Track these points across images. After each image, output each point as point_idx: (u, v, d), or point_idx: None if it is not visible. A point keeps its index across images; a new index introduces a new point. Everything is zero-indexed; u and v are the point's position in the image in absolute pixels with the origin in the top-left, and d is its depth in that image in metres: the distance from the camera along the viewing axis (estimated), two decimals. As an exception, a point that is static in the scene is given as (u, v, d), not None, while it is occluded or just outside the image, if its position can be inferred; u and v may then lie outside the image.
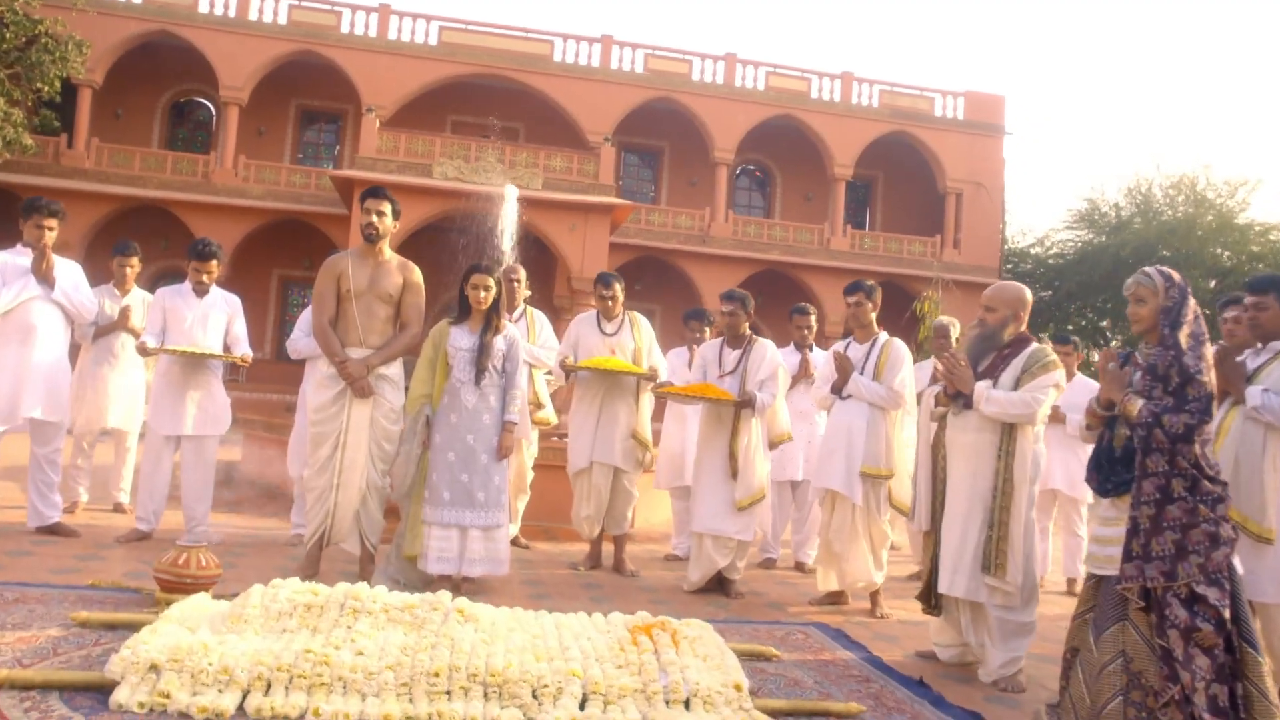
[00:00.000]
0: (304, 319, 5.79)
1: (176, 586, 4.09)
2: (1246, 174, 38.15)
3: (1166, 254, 24.77)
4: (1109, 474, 3.48)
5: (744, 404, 5.45)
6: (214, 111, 24.34)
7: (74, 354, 6.63)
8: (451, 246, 18.45)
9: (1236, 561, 3.19)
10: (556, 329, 6.78)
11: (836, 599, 5.56)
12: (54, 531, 5.54)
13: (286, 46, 22.63)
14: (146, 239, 21.39)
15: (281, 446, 7.14)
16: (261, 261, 22.94)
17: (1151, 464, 3.24)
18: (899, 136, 25.52)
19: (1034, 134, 59.45)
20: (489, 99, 24.04)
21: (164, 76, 23.59)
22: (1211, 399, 3.25)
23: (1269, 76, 71.53)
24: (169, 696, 2.87)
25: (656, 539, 7.59)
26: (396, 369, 5.14)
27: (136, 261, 6.75)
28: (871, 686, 3.86)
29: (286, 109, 24.51)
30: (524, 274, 6.61)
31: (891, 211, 27.60)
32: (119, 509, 6.66)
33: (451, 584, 4.98)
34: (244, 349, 5.90)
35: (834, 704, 3.48)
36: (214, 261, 5.81)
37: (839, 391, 5.48)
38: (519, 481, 6.36)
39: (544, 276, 20.79)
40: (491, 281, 5.09)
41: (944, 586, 4.17)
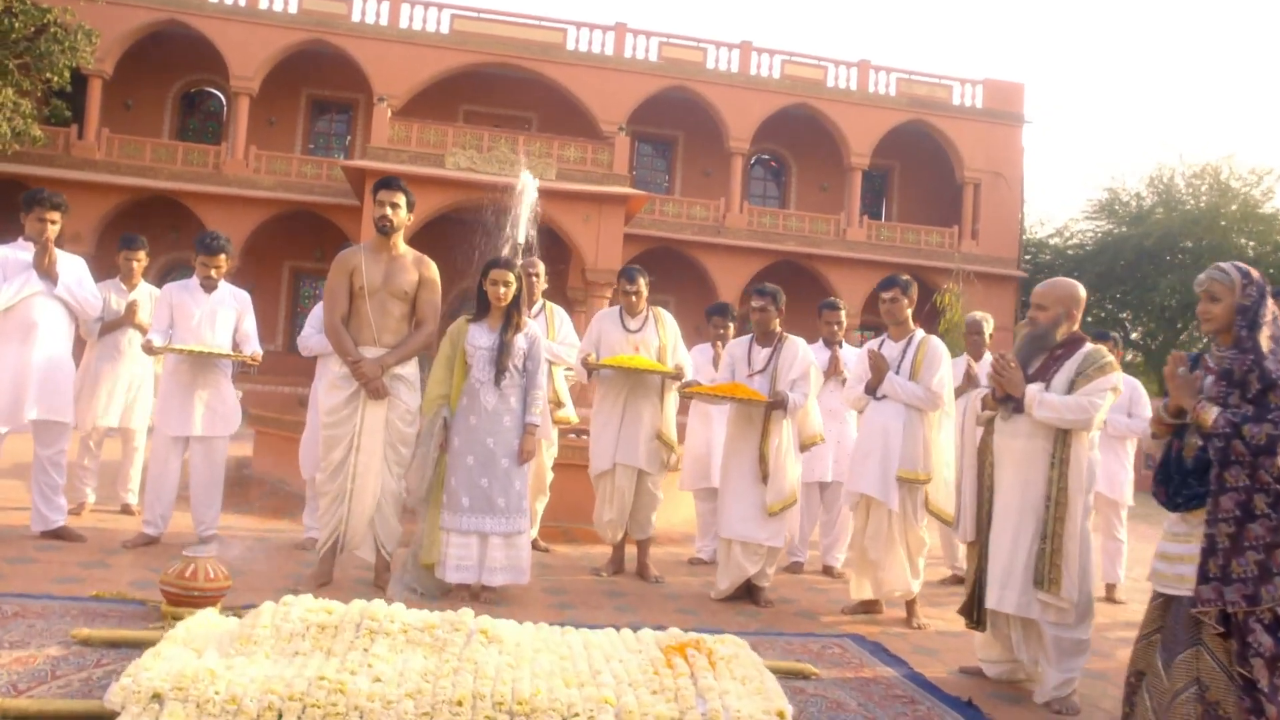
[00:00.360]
0: (315, 315, 5.58)
1: (183, 600, 3.89)
2: (1272, 163, 37.47)
3: (1189, 244, 24.41)
4: (1179, 487, 3.24)
5: (776, 405, 5.21)
6: (224, 102, 24.15)
7: (79, 351, 6.47)
8: (465, 238, 18.24)
9: None
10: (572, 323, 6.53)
11: (870, 608, 5.33)
12: (59, 536, 5.35)
13: (297, 35, 22.40)
14: (157, 230, 21.31)
15: (294, 444, 6.92)
16: (273, 253, 22.78)
17: (1230, 478, 3.00)
18: (916, 125, 25.13)
19: (1053, 122, 58.75)
20: (501, 88, 23.78)
21: (174, 66, 23.39)
22: None
23: (1289, 64, 70.56)
24: (173, 729, 2.66)
25: (678, 540, 7.37)
26: (412, 369, 4.92)
27: (143, 255, 6.54)
28: (919, 709, 3.63)
29: (297, 99, 24.29)
30: (543, 267, 6.39)
31: (908, 202, 27.23)
32: (127, 510, 6.47)
33: (470, 593, 4.78)
34: (254, 347, 5.70)
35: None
36: (222, 255, 5.60)
37: (873, 391, 5.24)
38: (538, 483, 6.15)
39: (557, 268, 20.51)
40: (512, 276, 4.86)
41: (993, 602, 3.94)
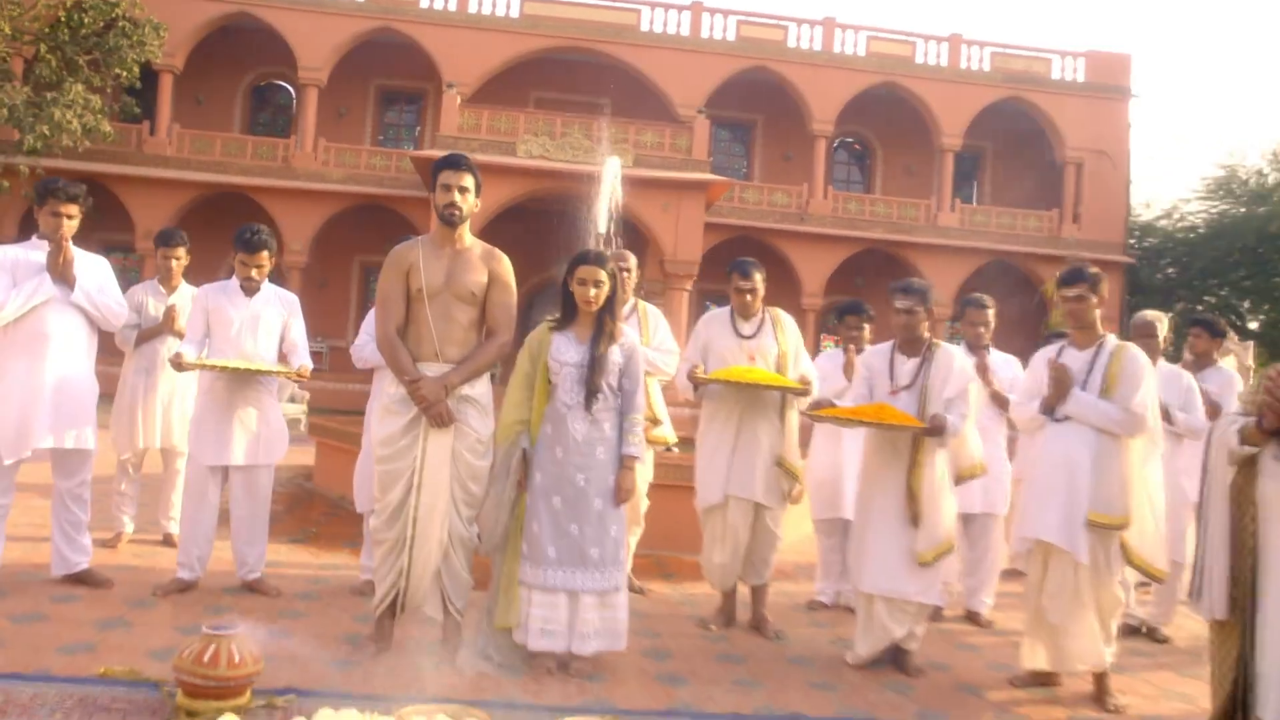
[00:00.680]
0: (370, 321, 4.73)
1: (202, 691, 3.08)
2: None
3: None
4: None
5: (932, 431, 4.19)
6: (294, 95, 23.78)
7: (115, 359, 5.75)
8: (537, 231, 17.41)
9: None
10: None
11: (1045, 679, 4.29)
12: (81, 581, 4.60)
13: (365, 24, 21.88)
14: (227, 227, 20.73)
15: (355, 459, 6.09)
16: (343, 247, 22.34)
17: None
18: (1011, 103, 23.59)
19: (1162, 95, 55.42)
20: (573, 73, 22.91)
21: (244, 60, 23.09)
22: None
23: None
24: None
25: (789, 572, 6.33)
26: (483, 388, 4.01)
27: (183, 252, 5.79)
28: None
29: (366, 90, 23.80)
30: (634, 261, 5.45)
31: (1001, 184, 25.63)
32: (168, 540, 5.71)
33: (558, 662, 3.89)
34: (302, 358, 4.88)
35: None
36: (264, 253, 4.80)
37: (1051, 411, 4.20)
38: (632, 513, 5.19)
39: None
40: (604, 275, 3.94)
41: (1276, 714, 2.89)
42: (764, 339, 4.83)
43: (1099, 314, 4.24)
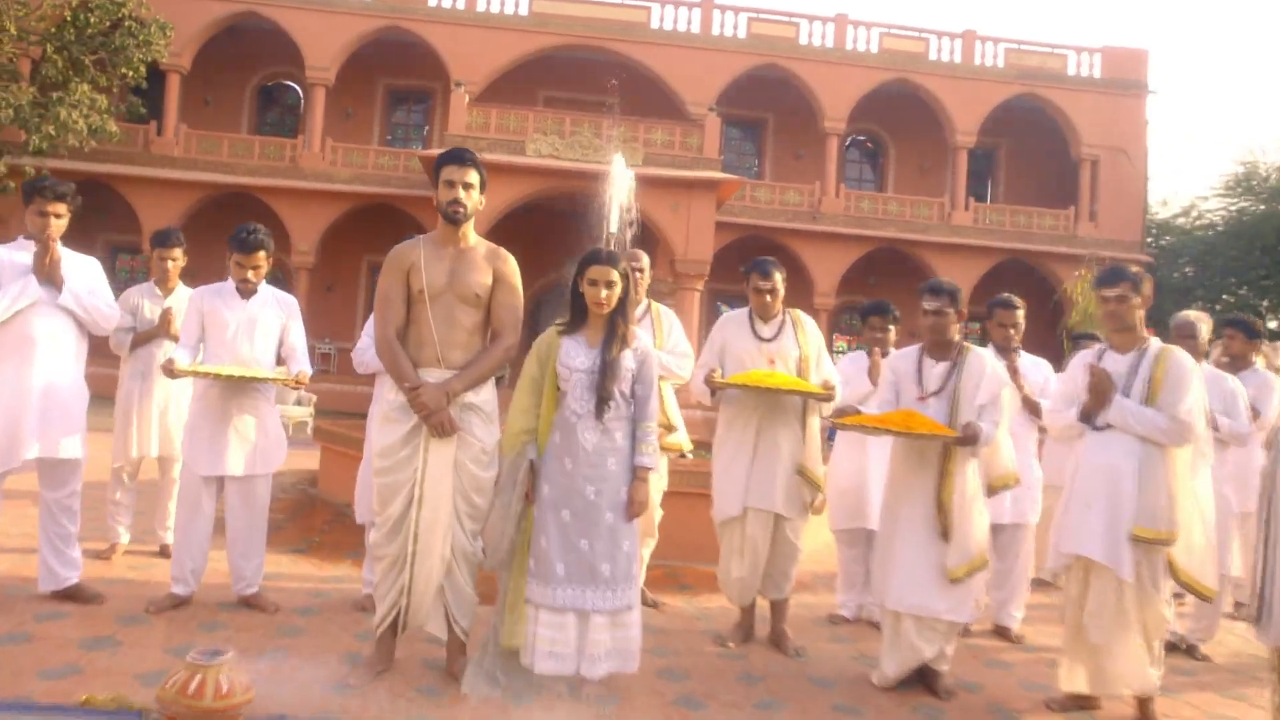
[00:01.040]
0: (372, 324, 4.51)
1: (186, 724, 2.86)
2: None
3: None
4: None
5: (964, 441, 3.96)
6: (301, 95, 23.62)
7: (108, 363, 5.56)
8: (545, 231, 17.22)
9: None
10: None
11: (1084, 703, 4.05)
12: (70, 597, 4.40)
13: (373, 23, 21.70)
14: (234, 228, 20.73)
15: (358, 465, 5.89)
16: (351, 248, 22.13)
17: None
18: (1026, 99, 23.26)
19: (1179, 92, 54.83)
20: (582, 71, 22.66)
21: (251, 60, 22.94)
22: None
23: None
24: None
25: (807, 583, 6.11)
26: (488, 395, 3.80)
27: (180, 254, 5.60)
28: None
29: (374, 89, 23.62)
30: (647, 260, 5.23)
31: (1016, 182, 25.33)
32: (165, 551, 5.51)
33: (568, 686, 3.66)
34: (301, 363, 4.67)
35: None
36: (261, 253, 4.60)
37: (1090, 419, 3.96)
38: (645, 524, 4.98)
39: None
40: (616, 275, 3.70)
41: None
42: (784, 341, 4.60)
43: (1141, 315, 3.99)
